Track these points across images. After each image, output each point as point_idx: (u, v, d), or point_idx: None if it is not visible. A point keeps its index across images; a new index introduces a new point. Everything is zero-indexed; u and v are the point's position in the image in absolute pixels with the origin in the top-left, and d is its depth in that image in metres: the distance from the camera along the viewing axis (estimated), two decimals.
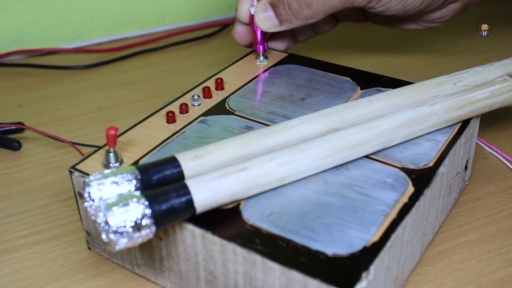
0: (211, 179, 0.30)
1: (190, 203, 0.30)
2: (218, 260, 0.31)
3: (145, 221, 0.28)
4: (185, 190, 0.30)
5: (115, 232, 0.28)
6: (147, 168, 0.31)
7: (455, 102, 0.36)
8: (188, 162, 0.32)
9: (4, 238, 0.39)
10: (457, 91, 0.37)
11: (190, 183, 0.30)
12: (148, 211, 0.29)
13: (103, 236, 0.28)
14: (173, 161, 0.32)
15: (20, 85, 0.58)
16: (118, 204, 0.28)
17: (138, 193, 0.29)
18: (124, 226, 0.28)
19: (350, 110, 0.36)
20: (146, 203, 0.29)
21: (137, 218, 0.28)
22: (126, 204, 0.28)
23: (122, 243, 0.29)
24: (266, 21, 0.43)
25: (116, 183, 0.30)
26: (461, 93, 0.37)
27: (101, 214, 0.28)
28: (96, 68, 0.61)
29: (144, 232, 0.29)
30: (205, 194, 0.30)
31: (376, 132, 0.34)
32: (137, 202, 0.29)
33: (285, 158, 0.32)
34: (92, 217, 0.30)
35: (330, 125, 0.35)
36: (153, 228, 0.29)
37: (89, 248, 0.38)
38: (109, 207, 0.28)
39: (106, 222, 0.28)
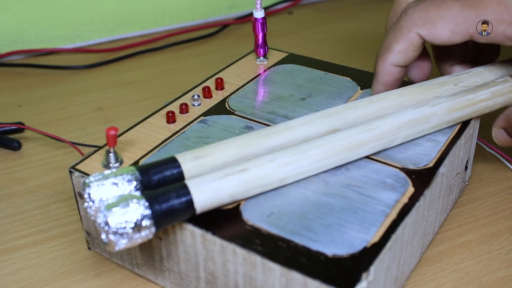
0: (211, 179, 0.30)
1: (190, 203, 0.30)
2: (218, 260, 0.31)
3: (145, 222, 0.28)
4: (185, 191, 0.30)
5: (115, 233, 0.28)
6: (147, 168, 0.31)
7: (457, 103, 0.36)
8: (188, 163, 0.32)
9: (4, 238, 0.39)
10: (458, 92, 0.37)
11: (190, 183, 0.30)
12: (147, 212, 0.29)
13: (103, 236, 0.28)
14: (173, 162, 0.32)
15: (20, 85, 0.58)
16: (118, 205, 0.28)
17: (138, 193, 0.29)
18: (124, 227, 0.28)
19: (351, 110, 0.36)
20: (146, 204, 0.29)
21: (137, 219, 0.28)
22: (126, 205, 0.28)
23: (122, 243, 0.29)
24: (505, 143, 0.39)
25: (116, 184, 0.30)
26: (462, 94, 0.37)
27: (101, 215, 0.28)
28: (96, 68, 0.61)
29: (144, 233, 0.29)
30: (205, 194, 0.30)
31: (377, 133, 0.34)
32: (137, 202, 0.29)
33: (286, 159, 0.32)
34: (92, 218, 0.30)
35: (331, 125, 0.35)
36: (153, 229, 0.29)
37: (89, 248, 0.38)
38: (109, 207, 0.28)
39: (106, 223, 0.28)
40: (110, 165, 0.35)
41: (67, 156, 0.47)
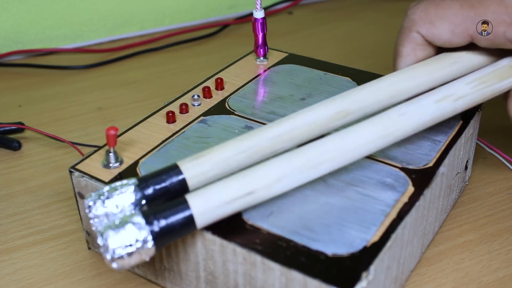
0: (217, 205, 0.29)
1: (193, 227, 0.29)
2: (218, 260, 0.31)
3: (145, 244, 0.28)
4: (190, 219, 0.29)
5: (116, 255, 0.28)
6: (147, 179, 0.31)
7: (480, 95, 0.35)
8: (188, 164, 0.31)
9: (4, 238, 0.39)
10: (481, 73, 0.35)
11: (195, 210, 0.29)
12: (150, 238, 0.28)
13: (104, 254, 0.28)
14: (174, 169, 0.31)
15: (20, 85, 0.58)
16: (118, 227, 0.28)
17: (139, 216, 0.29)
18: (124, 249, 0.28)
19: (358, 90, 0.34)
20: (147, 227, 0.28)
21: (138, 242, 0.28)
22: (126, 227, 0.28)
23: (123, 265, 0.28)
24: None
25: (117, 196, 0.30)
26: (488, 81, 0.35)
27: (100, 238, 0.28)
28: (96, 68, 0.61)
29: (144, 254, 0.28)
30: (209, 219, 0.30)
31: (391, 139, 0.33)
32: (138, 225, 0.28)
33: (295, 176, 0.31)
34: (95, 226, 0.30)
35: (337, 108, 0.34)
36: (153, 250, 0.29)
37: (89, 248, 0.38)
38: (109, 228, 0.28)
39: (106, 245, 0.28)
40: (110, 165, 0.35)
41: (67, 156, 0.47)
